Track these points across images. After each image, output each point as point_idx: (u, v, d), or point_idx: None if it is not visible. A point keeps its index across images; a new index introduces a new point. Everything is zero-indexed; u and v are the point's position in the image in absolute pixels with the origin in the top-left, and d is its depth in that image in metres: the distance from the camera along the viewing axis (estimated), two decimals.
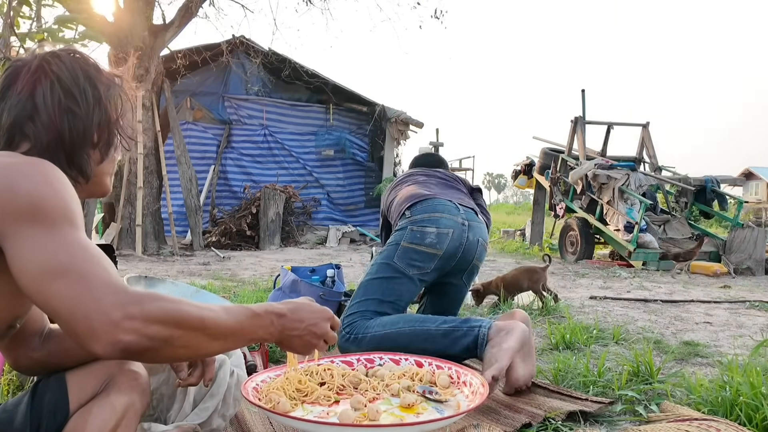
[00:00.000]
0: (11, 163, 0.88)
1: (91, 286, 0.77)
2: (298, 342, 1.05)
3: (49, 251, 0.80)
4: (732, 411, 1.66)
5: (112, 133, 1.07)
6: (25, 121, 0.98)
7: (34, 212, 0.82)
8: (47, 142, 0.98)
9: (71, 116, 0.99)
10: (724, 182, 8.49)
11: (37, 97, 0.99)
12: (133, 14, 7.19)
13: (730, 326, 3.37)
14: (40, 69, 1.01)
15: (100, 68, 1.08)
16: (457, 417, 1.19)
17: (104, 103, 1.04)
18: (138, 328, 0.76)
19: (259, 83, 10.20)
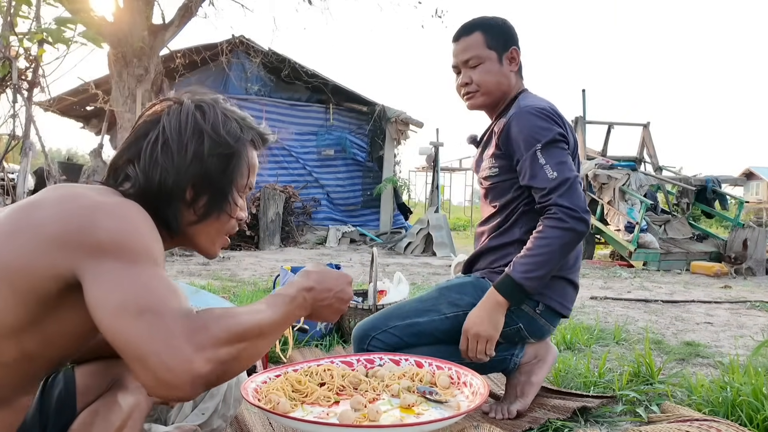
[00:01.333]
0: (100, 201, 0.88)
1: (165, 326, 0.76)
2: (328, 311, 1.06)
3: (127, 288, 0.79)
4: (733, 411, 1.66)
5: (214, 195, 1.02)
6: (128, 162, 0.99)
7: (115, 248, 0.82)
8: (142, 187, 0.98)
9: (163, 169, 0.98)
10: (725, 182, 8.49)
11: (144, 142, 0.99)
12: (132, 14, 7.19)
13: (730, 326, 3.37)
14: (159, 113, 1.02)
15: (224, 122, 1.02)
16: (457, 417, 1.19)
17: (206, 161, 0.99)
18: (210, 357, 0.77)
19: (258, 83, 10.19)
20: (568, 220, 1.55)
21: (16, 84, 3.18)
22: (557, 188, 1.57)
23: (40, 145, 3.43)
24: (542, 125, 1.64)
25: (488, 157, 1.75)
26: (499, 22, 1.76)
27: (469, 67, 1.73)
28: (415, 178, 17.54)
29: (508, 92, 1.77)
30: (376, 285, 2.58)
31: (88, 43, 3.31)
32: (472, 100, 1.78)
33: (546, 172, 1.60)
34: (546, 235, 1.56)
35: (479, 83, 1.73)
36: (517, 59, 1.77)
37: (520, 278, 1.55)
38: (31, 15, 3.24)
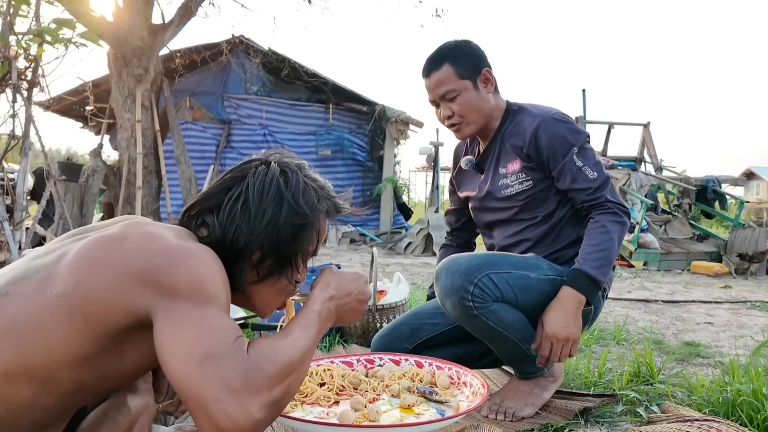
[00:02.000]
0: (182, 245, 0.91)
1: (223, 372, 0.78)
2: (350, 315, 1.09)
3: (192, 331, 0.82)
4: (733, 412, 1.66)
5: (279, 259, 1.04)
6: (208, 211, 1.02)
7: (189, 290, 0.85)
8: (217, 239, 1.00)
9: (238, 228, 1.00)
10: (726, 182, 8.48)
11: (227, 195, 1.02)
12: (132, 13, 7.18)
13: (731, 326, 3.37)
14: (247, 170, 1.05)
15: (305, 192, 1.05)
16: (457, 418, 1.18)
17: (280, 227, 1.01)
18: (266, 401, 0.80)
19: (258, 83, 10.18)
20: (622, 215, 1.62)
21: (16, 84, 3.18)
22: (602, 187, 1.64)
23: (39, 144, 3.43)
24: (572, 128, 1.68)
25: (512, 173, 1.74)
26: (464, 48, 1.74)
27: (447, 100, 1.72)
28: (415, 178, 17.55)
29: (492, 113, 1.77)
30: (376, 285, 2.58)
31: (87, 43, 3.30)
32: (461, 132, 1.78)
33: (586, 173, 1.65)
34: (608, 228, 1.59)
35: (462, 114, 1.73)
36: (491, 79, 1.76)
37: (595, 273, 1.56)
38: (30, 15, 3.23)
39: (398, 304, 2.58)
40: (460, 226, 2.06)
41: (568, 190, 1.67)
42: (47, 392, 0.87)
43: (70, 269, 0.87)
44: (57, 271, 0.87)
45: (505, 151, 1.76)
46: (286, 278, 1.07)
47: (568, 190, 1.67)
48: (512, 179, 1.74)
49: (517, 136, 1.72)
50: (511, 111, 1.78)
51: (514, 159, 1.73)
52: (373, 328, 2.52)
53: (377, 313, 2.52)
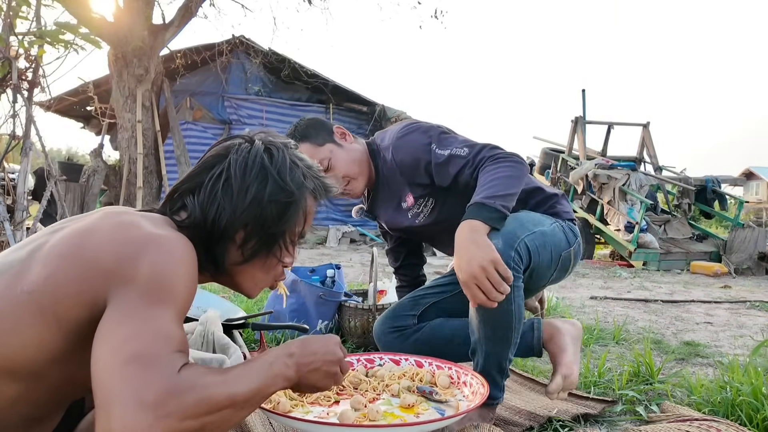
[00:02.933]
0: (152, 234, 0.87)
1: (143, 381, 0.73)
2: (316, 376, 0.98)
3: (135, 330, 0.77)
4: (732, 411, 1.66)
5: (264, 239, 0.99)
6: (188, 192, 0.99)
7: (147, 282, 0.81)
8: (197, 220, 0.97)
9: (220, 207, 0.96)
10: (725, 182, 8.49)
11: (207, 175, 0.99)
12: (132, 14, 7.19)
13: (730, 326, 3.37)
14: (229, 149, 1.01)
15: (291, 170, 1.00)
16: (457, 417, 1.19)
17: (264, 206, 0.97)
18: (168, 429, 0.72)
19: (258, 83, 10.19)
20: (506, 155, 1.53)
21: (16, 84, 3.18)
22: (478, 153, 1.55)
23: (40, 145, 3.43)
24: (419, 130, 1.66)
25: (412, 205, 1.71)
26: (305, 124, 1.77)
27: (325, 171, 1.66)
28: None
29: (365, 158, 1.75)
30: (376, 285, 2.58)
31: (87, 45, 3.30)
32: (355, 190, 1.76)
33: (457, 153, 1.57)
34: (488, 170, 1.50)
35: (345, 173, 1.71)
36: (345, 132, 1.78)
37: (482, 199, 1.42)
38: (31, 15, 3.24)
39: None
40: (403, 263, 2.05)
41: (456, 181, 1.58)
42: (33, 388, 0.86)
43: (41, 264, 0.85)
44: (30, 265, 0.86)
45: (391, 192, 1.74)
46: (274, 258, 1.02)
47: (455, 179, 1.58)
48: (417, 209, 1.71)
49: (391, 172, 1.70)
50: (373, 150, 1.77)
51: (405, 194, 1.71)
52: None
53: (377, 313, 2.53)
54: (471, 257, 1.32)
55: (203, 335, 1.78)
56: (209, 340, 1.77)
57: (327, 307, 2.61)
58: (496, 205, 1.41)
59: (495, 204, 1.41)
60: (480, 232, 1.36)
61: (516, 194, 1.48)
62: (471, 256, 1.32)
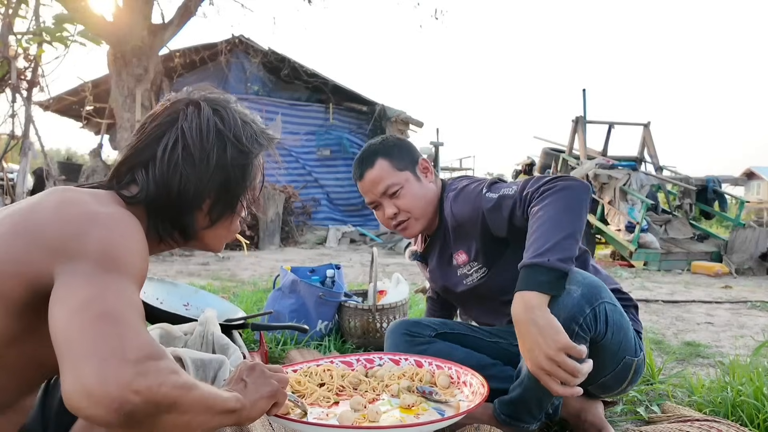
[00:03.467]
0: (98, 211, 0.84)
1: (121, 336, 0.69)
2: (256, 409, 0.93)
3: (97, 290, 0.74)
4: (733, 412, 1.65)
5: (229, 201, 1.00)
6: (139, 166, 0.95)
7: (98, 255, 0.78)
8: (154, 195, 0.94)
9: (184, 178, 0.94)
10: (726, 182, 8.48)
11: (159, 146, 0.94)
12: (132, 13, 7.18)
13: (731, 326, 3.36)
14: (173, 115, 0.97)
15: (243, 129, 0.99)
16: (457, 417, 1.18)
17: (228, 170, 0.97)
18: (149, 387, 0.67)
19: (258, 83, 10.19)
20: (553, 186, 1.30)
21: (15, 84, 3.18)
22: (525, 187, 1.37)
23: (39, 144, 3.43)
24: (473, 180, 1.56)
25: (463, 263, 1.59)
26: (396, 142, 1.66)
27: (389, 196, 1.59)
28: None
29: (436, 202, 1.63)
30: (376, 285, 2.57)
31: (87, 42, 3.30)
32: (410, 229, 1.61)
33: (506, 193, 1.42)
34: (539, 209, 1.28)
35: (409, 209, 1.58)
36: (429, 167, 1.66)
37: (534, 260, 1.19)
38: (29, 15, 3.23)
39: (398, 304, 2.57)
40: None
41: (513, 227, 1.41)
42: None
43: None
44: None
45: (447, 243, 1.61)
46: (237, 216, 1.04)
47: (510, 224, 1.41)
48: (466, 269, 1.58)
49: (450, 223, 1.58)
50: (443, 197, 1.64)
51: (458, 250, 1.59)
52: (373, 328, 2.52)
53: (377, 313, 2.52)
54: (533, 344, 1.12)
55: (203, 335, 1.77)
56: (209, 340, 1.76)
57: (327, 308, 2.60)
58: (550, 263, 1.17)
59: (549, 261, 1.17)
60: (538, 308, 1.14)
61: (576, 231, 1.23)
62: (533, 343, 1.12)
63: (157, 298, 2.21)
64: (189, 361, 1.35)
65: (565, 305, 1.19)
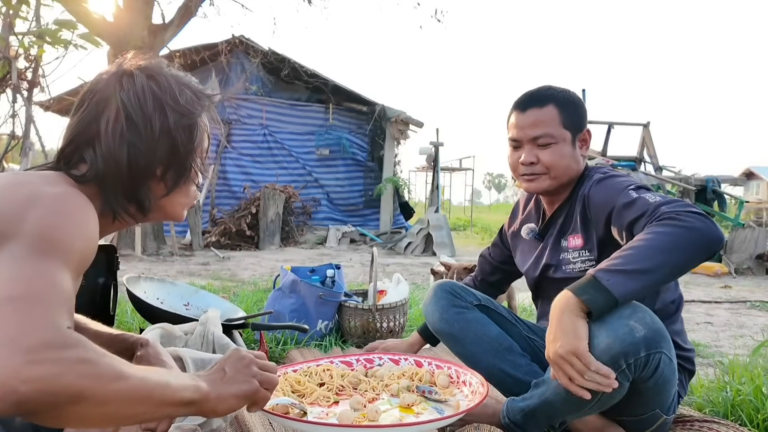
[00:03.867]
0: (43, 192, 0.82)
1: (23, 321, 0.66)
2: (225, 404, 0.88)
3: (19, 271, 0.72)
4: (733, 411, 1.66)
5: (182, 166, 0.99)
6: (85, 145, 0.93)
7: (32, 236, 0.76)
8: (104, 171, 0.92)
9: (132, 149, 0.93)
10: (725, 182, 8.49)
11: (101, 121, 0.93)
12: (132, 13, 7.18)
13: (730, 326, 3.37)
14: (110, 89, 0.95)
15: (180, 90, 0.99)
16: (456, 417, 1.18)
17: (174, 134, 0.96)
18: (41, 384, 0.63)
19: (258, 83, 10.19)
20: (687, 218, 1.17)
21: (16, 84, 3.18)
22: (664, 204, 1.24)
23: (40, 145, 3.43)
24: (624, 177, 1.43)
25: (574, 248, 1.49)
26: (575, 99, 1.52)
27: (537, 145, 1.49)
28: (415, 178, 17.57)
29: (575, 177, 1.52)
30: (376, 285, 2.58)
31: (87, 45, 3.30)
32: (536, 183, 1.51)
33: (646, 199, 1.29)
34: (653, 230, 1.18)
35: (549, 166, 1.48)
36: (588, 141, 1.54)
37: (600, 274, 1.15)
38: (30, 15, 3.24)
39: (398, 304, 2.58)
40: (492, 282, 1.89)
41: (628, 229, 1.31)
42: None
43: None
44: None
45: (568, 222, 1.52)
46: (191, 181, 1.03)
47: (628, 227, 1.30)
48: (574, 255, 1.49)
49: (578, 204, 1.49)
50: (584, 176, 1.53)
51: (575, 233, 1.49)
52: (373, 328, 2.52)
53: (377, 313, 2.52)
54: (554, 338, 1.15)
55: (203, 335, 1.77)
56: (209, 340, 1.77)
57: (327, 307, 2.61)
58: (608, 284, 1.14)
59: (608, 282, 1.14)
60: (573, 313, 1.14)
61: (665, 275, 1.16)
62: (555, 337, 1.15)
63: (158, 298, 2.21)
64: (189, 361, 1.36)
65: (623, 340, 1.16)
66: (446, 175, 16.72)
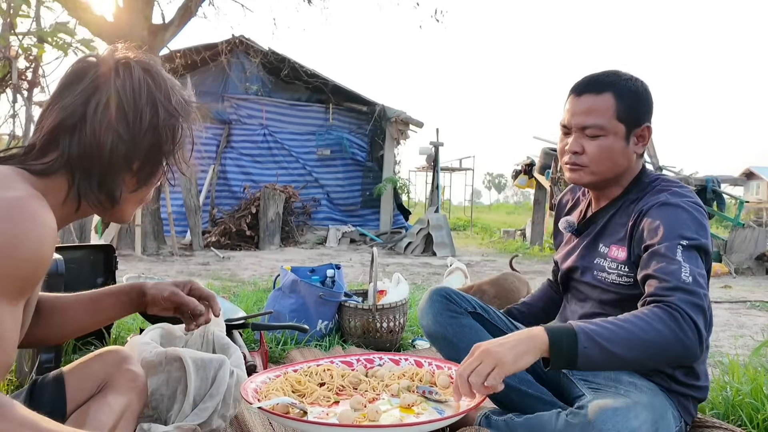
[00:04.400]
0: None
1: None
2: None
3: None
4: (733, 411, 1.66)
5: (157, 164, 0.99)
6: (68, 128, 0.90)
7: None
8: (81, 156, 0.90)
9: (117, 137, 0.91)
10: (725, 182, 8.50)
11: (90, 106, 0.91)
12: (132, 14, 7.18)
13: (730, 326, 3.37)
14: (105, 76, 0.93)
15: (172, 91, 0.99)
16: (456, 417, 1.18)
17: (160, 131, 0.96)
18: None
19: (258, 83, 10.19)
20: (685, 326, 1.14)
21: (16, 84, 3.18)
22: (685, 291, 1.18)
23: None
24: (696, 219, 1.29)
25: (614, 259, 1.40)
26: (638, 88, 1.39)
27: (585, 135, 1.39)
28: (415, 178, 17.57)
29: (623, 174, 1.42)
30: (376, 285, 2.58)
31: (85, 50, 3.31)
32: (577, 174, 1.42)
33: (680, 270, 1.20)
34: (649, 320, 1.14)
35: (593, 159, 1.38)
36: (647, 138, 1.41)
37: (581, 328, 1.14)
38: (31, 15, 3.24)
39: (398, 304, 2.58)
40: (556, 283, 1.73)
41: (641, 273, 1.26)
42: None
43: None
44: None
45: (614, 227, 1.43)
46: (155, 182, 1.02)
47: (643, 274, 1.25)
48: (611, 265, 1.40)
49: (627, 213, 1.40)
50: (641, 182, 1.43)
51: (621, 244, 1.39)
52: (373, 328, 2.52)
53: (377, 313, 2.52)
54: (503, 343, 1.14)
55: (203, 335, 1.77)
56: (209, 340, 1.77)
57: (327, 307, 2.61)
58: (581, 351, 1.12)
59: (584, 349, 1.12)
60: (533, 349, 1.13)
61: (629, 363, 1.16)
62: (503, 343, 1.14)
63: None
64: (189, 361, 1.35)
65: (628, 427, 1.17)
66: (446, 175, 16.72)
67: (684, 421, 1.39)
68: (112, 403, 1.05)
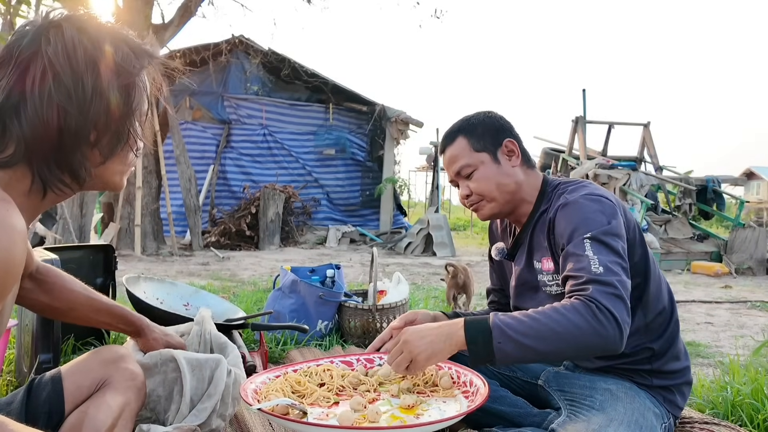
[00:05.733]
0: None
1: None
2: None
3: None
4: (733, 411, 1.65)
5: (118, 131, 0.90)
6: (10, 111, 0.83)
7: None
8: (32, 139, 0.83)
9: (62, 111, 0.83)
10: (726, 182, 8.49)
11: (27, 82, 0.82)
12: (132, 13, 7.18)
13: (731, 326, 3.36)
14: (34, 45, 0.84)
15: (116, 47, 0.88)
16: (457, 418, 1.18)
17: (107, 95, 0.87)
18: None
19: (258, 83, 10.19)
20: (601, 317, 1.15)
21: None
22: (599, 283, 1.20)
23: None
24: (600, 210, 1.33)
25: (548, 271, 1.45)
26: (481, 118, 1.52)
27: (463, 177, 1.50)
28: (415, 178, 17.54)
29: (519, 190, 1.49)
30: (376, 285, 2.57)
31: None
32: (482, 211, 1.52)
33: (590, 264, 1.24)
34: (565, 311, 1.17)
35: (480, 192, 1.48)
36: (516, 150, 1.50)
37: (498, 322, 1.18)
38: (31, 15, 3.23)
39: (398, 304, 2.57)
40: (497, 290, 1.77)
41: (563, 280, 1.30)
42: None
43: None
44: None
45: (537, 242, 1.48)
46: (129, 147, 0.94)
47: (564, 279, 1.29)
48: (549, 278, 1.45)
49: (543, 225, 1.45)
50: (546, 192, 1.50)
51: (547, 255, 1.44)
52: (373, 328, 2.52)
53: (377, 313, 2.52)
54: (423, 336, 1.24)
55: (200, 335, 1.77)
56: (206, 339, 1.76)
57: (327, 307, 2.60)
58: (497, 346, 1.17)
59: (498, 344, 1.17)
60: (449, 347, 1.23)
61: (546, 354, 1.18)
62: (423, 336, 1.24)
63: (157, 298, 2.21)
64: (184, 362, 1.35)
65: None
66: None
67: (673, 415, 1.40)
68: (111, 402, 1.04)
